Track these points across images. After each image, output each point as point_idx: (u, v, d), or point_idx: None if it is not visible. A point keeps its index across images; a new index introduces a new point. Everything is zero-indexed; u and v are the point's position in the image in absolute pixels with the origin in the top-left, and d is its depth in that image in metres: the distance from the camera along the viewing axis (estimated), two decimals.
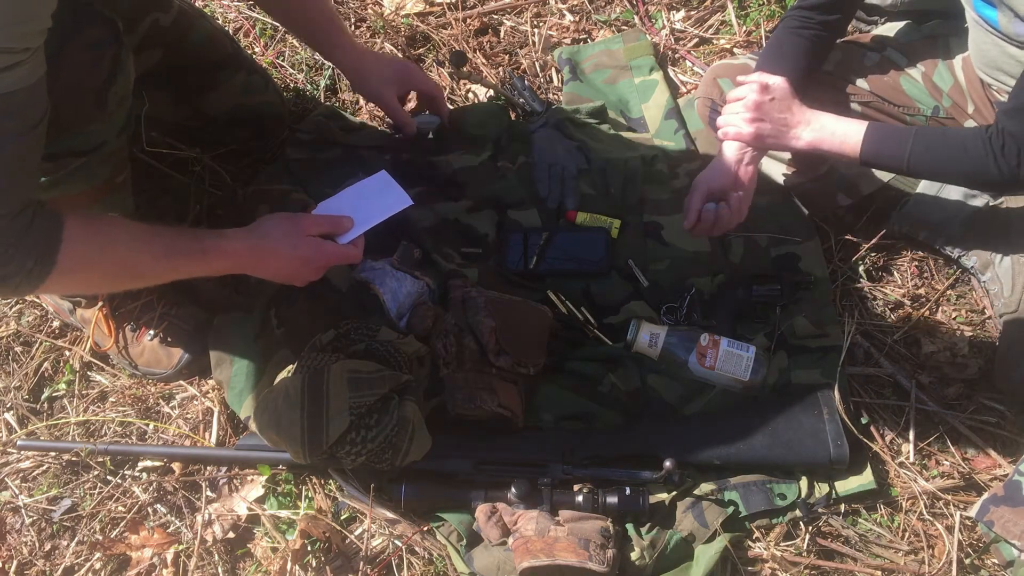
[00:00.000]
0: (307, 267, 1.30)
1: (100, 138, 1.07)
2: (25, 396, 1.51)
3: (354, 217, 1.33)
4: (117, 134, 1.09)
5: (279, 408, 1.25)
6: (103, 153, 1.09)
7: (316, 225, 1.29)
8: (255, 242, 1.24)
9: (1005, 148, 1.24)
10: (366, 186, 1.41)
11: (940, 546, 1.31)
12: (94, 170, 1.12)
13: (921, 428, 1.42)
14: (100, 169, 1.13)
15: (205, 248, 1.18)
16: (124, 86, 1.05)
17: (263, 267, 1.28)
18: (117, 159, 1.16)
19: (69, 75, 0.99)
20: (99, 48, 1.01)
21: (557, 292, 1.52)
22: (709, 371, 1.40)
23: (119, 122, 1.08)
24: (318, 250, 1.28)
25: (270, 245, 1.24)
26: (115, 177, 1.19)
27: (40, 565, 1.35)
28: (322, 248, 1.29)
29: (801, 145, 1.39)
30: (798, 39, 1.45)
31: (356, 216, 1.34)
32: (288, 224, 1.26)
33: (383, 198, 1.40)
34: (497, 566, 1.26)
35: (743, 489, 1.32)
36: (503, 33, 2.00)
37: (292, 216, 1.29)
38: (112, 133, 1.08)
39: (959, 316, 1.57)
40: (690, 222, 1.44)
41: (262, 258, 1.25)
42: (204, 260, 1.19)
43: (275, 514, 1.34)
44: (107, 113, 1.04)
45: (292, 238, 1.25)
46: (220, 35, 1.51)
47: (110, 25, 1.03)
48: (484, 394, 1.32)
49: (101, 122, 1.06)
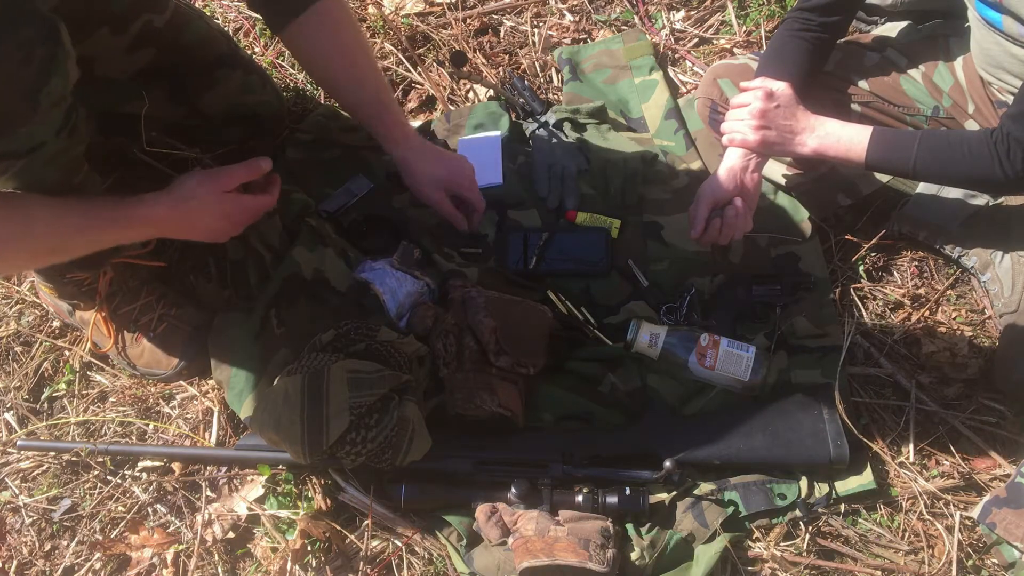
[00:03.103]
0: (230, 223, 1.31)
1: (36, 139, 1.04)
2: (25, 396, 1.51)
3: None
4: (56, 134, 1.07)
5: (279, 408, 1.25)
6: (44, 154, 1.06)
7: (234, 178, 1.29)
8: (176, 205, 1.23)
9: (1011, 152, 1.24)
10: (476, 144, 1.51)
11: (940, 546, 1.31)
12: (38, 172, 1.10)
13: (921, 428, 1.42)
14: (46, 171, 1.11)
15: (127, 215, 1.18)
16: (60, 86, 1.02)
17: (187, 228, 1.28)
18: (66, 160, 1.14)
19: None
20: (30, 47, 0.98)
21: (557, 292, 1.52)
22: (709, 371, 1.40)
23: (56, 123, 1.05)
24: (238, 205, 1.29)
25: (192, 206, 1.24)
26: (70, 179, 1.17)
27: (40, 565, 1.35)
28: (242, 203, 1.30)
29: (807, 152, 1.39)
30: (799, 42, 1.45)
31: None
32: (208, 183, 1.26)
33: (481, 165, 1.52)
34: (497, 566, 1.26)
35: (743, 489, 1.32)
36: (503, 33, 2.00)
37: (210, 173, 1.28)
38: (49, 134, 1.05)
39: (959, 316, 1.57)
40: (697, 232, 1.44)
41: (186, 219, 1.25)
42: (127, 227, 1.19)
43: (275, 514, 1.34)
44: (39, 114, 1.02)
45: (213, 197, 1.25)
46: (217, 35, 1.51)
47: (45, 24, 1.01)
48: (484, 394, 1.32)
49: (34, 123, 1.04)
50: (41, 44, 0.99)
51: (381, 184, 1.66)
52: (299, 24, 1.33)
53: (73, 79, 1.06)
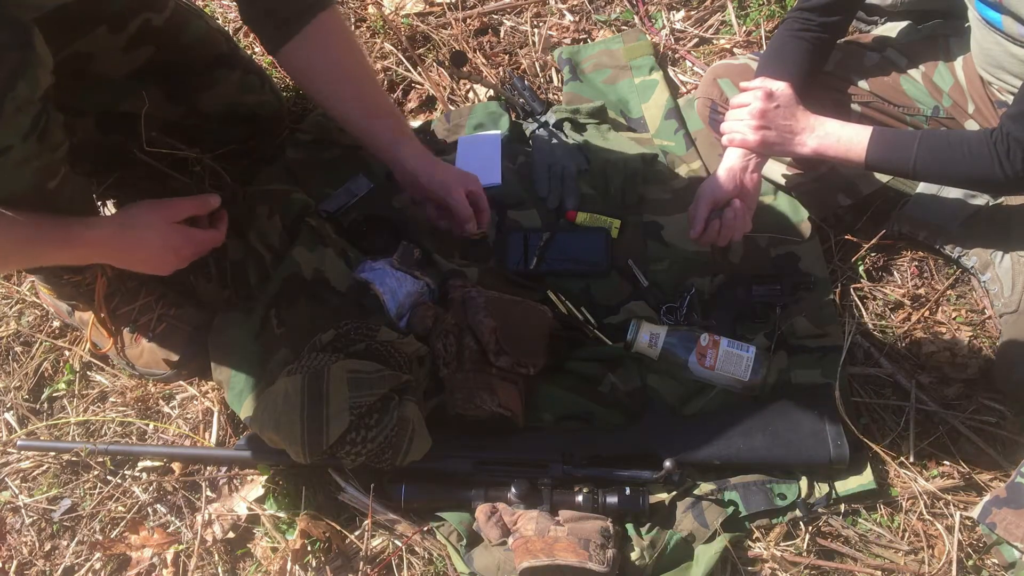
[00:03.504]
0: (175, 255, 1.30)
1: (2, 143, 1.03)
2: (25, 396, 1.51)
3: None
4: (23, 138, 1.06)
5: (279, 408, 1.24)
6: (12, 159, 1.05)
7: (182, 210, 1.28)
8: (119, 232, 1.22)
9: (1010, 152, 1.24)
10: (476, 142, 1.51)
11: (940, 546, 1.31)
12: (8, 174, 1.08)
13: (921, 428, 1.42)
14: (15, 174, 1.09)
15: (70, 236, 1.17)
16: (28, 91, 1.02)
17: (128, 257, 1.27)
18: (39, 165, 1.12)
19: None
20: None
21: (557, 292, 1.52)
22: (709, 371, 1.40)
23: (22, 127, 1.04)
24: (185, 237, 1.28)
25: (137, 234, 1.23)
26: (44, 184, 1.14)
27: (40, 565, 1.35)
28: (189, 235, 1.29)
29: (807, 152, 1.39)
30: (799, 42, 1.45)
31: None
32: (155, 212, 1.25)
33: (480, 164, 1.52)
34: (497, 566, 1.26)
35: (743, 489, 1.32)
36: (503, 33, 2.00)
37: (158, 203, 1.27)
38: (15, 138, 1.04)
39: (959, 316, 1.57)
40: (697, 232, 1.43)
41: (128, 248, 1.24)
42: (68, 248, 1.18)
43: (275, 514, 1.34)
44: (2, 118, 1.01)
45: (159, 227, 1.25)
46: (215, 34, 1.51)
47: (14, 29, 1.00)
48: (484, 394, 1.32)
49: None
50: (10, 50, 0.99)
51: (381, 184, 1.66)
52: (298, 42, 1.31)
53: (44, 85, 1.05)
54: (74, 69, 1.14)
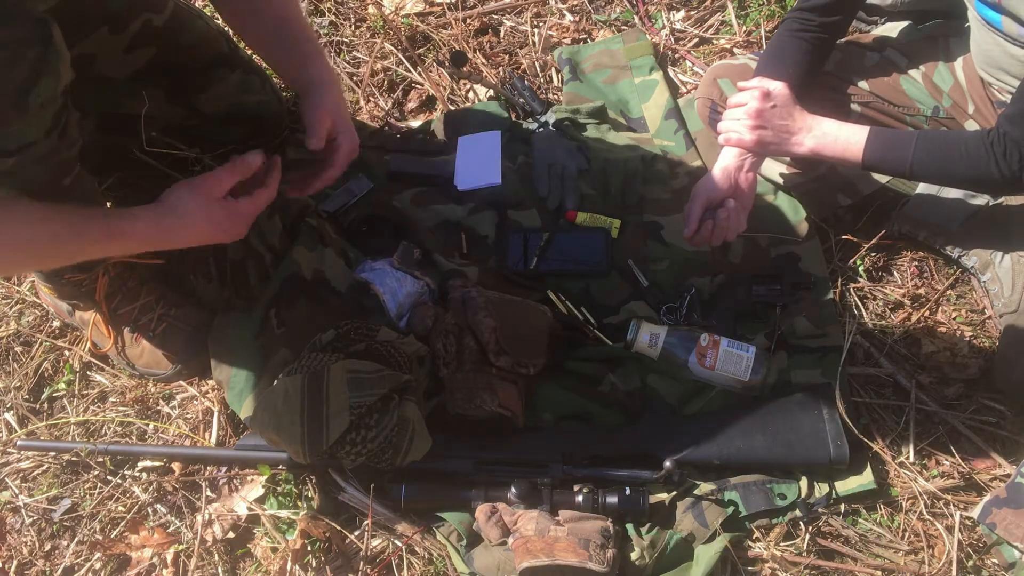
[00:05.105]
0: (225, 231, 1.27)
1: (26, 138, 1.04)
2: (25, 396, 1.51)
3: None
4: (46, 135, 1.06)
5: (279, 408, 1.24)
6: (34, 154, 1.06)
7: (222, 183, 1.25)
8: (161, 220, 1.21)
9: (1007, 153, 1.24)
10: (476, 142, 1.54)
11: (940, 546, 1.31)
12: (28, 171, 1.08)
13: (921, 428, 1.42)
14: (35, 170, 1.09)
15: (111, 230, 1.16)
16: (50, 88, 1.02)
17: (175, 242, 1.25)
18: (57, 161, 1.12)
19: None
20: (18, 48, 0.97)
21: (557, 292, 1.52)
22: (709, 371, 1.40)
23: (45, 123, 1.04)
24: (231, 211, 1.25)
25: (180, 220, 1.21)
26: (60, 179, 1.15)
27: (40, 565, 1.35)
28: (235, 208, 1.26)
29: (803, 151, 1.39)
30: (799, 42, 1.45)
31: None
32: (194, 194, 1.22)
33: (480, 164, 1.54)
34: (497, 566, 1.26)
35: (743, 489, 1.32)
36: (503, 33, 2.00)
37: (196, 182, 1.24)
38: (38, 134, 1.05)
39: (959, 316, 1.57)
40: (691, 231, 1.43)
41: (173, 234, 1.23)
42: (111, 241, 1.17)
43: (275, 514, 1.34)
44: (28, 115, 1.01)
45: (200, 208, 1.22)
46: (216, 34, 1.51)
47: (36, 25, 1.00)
48: (484, 394, 1.32)
49: (22, 123, 1.03)
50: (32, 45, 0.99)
51: (381, 184, 1.66)
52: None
53: (65, 81, 1.05)
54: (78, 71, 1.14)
